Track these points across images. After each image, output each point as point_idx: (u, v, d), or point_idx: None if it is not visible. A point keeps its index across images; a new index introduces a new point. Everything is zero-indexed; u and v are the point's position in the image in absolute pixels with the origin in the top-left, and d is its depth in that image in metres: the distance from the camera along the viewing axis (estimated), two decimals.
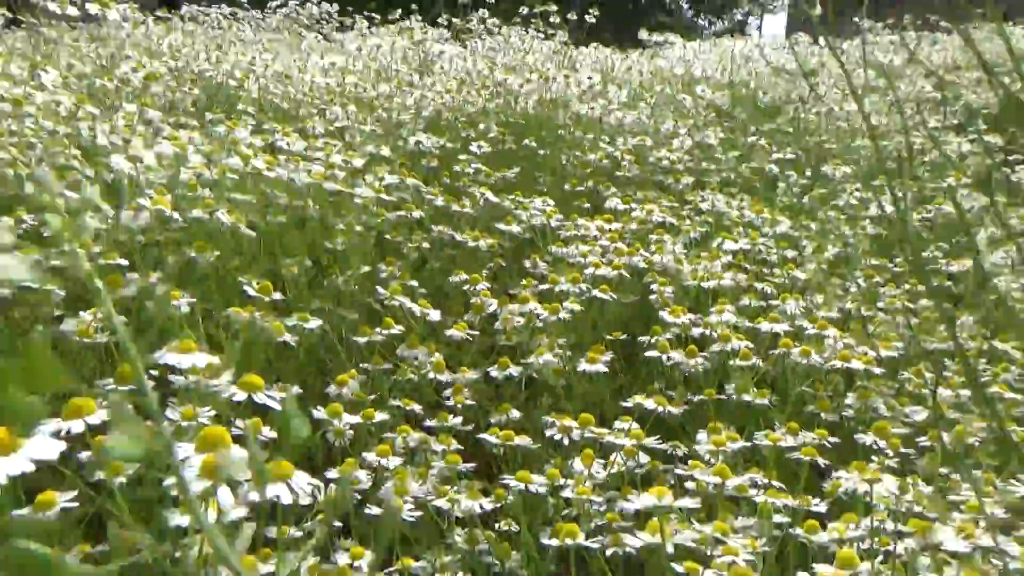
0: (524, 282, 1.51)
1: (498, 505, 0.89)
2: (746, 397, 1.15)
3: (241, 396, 0.65)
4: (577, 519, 0.80)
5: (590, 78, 2.20)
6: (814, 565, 0.68)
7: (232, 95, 2.32)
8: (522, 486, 0.82)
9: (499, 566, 0.83)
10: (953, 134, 2.98)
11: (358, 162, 1.54)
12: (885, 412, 1.28)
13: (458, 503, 0.77)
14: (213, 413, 0.73)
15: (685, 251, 1.66)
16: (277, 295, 1.01)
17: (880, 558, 0.68)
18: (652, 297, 1.46)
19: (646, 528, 0.68)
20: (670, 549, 0.68)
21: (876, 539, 0.69)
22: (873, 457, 0.94)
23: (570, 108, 2.25)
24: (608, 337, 1.44)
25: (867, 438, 0.95)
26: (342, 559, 0.81)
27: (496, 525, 0.92)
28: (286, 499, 0.52)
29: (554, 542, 0.72)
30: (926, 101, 3.37)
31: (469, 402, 1.10)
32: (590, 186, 2.04)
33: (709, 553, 0.70)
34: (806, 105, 2.78)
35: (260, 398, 0.66)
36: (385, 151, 1.66)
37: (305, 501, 0.56)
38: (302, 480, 0.54)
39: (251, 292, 1.00)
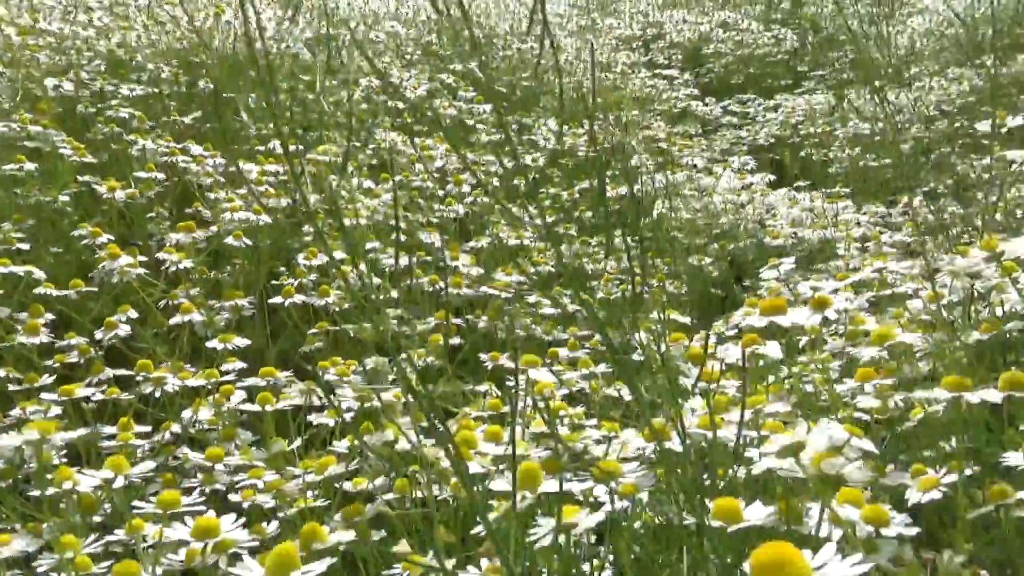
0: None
1: None
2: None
3: None
4: None
5: (258, 13, 2.11)
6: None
7: None
8: None
9: None
10: (645, 70, 3.24)
11: None
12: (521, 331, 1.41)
13: None
14: None
15: (358, 189, 1.68)
16: None
17: None
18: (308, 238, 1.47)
19: None
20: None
21: None
22: None
23: (255, 46, 2.16)
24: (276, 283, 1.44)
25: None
26: None
27: None
28: None
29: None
30: (628, 40, 3.62)
31: (71, 360, 1.06)
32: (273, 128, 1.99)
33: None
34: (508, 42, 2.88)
35: None
36: None
37: None
38: None
39: None
